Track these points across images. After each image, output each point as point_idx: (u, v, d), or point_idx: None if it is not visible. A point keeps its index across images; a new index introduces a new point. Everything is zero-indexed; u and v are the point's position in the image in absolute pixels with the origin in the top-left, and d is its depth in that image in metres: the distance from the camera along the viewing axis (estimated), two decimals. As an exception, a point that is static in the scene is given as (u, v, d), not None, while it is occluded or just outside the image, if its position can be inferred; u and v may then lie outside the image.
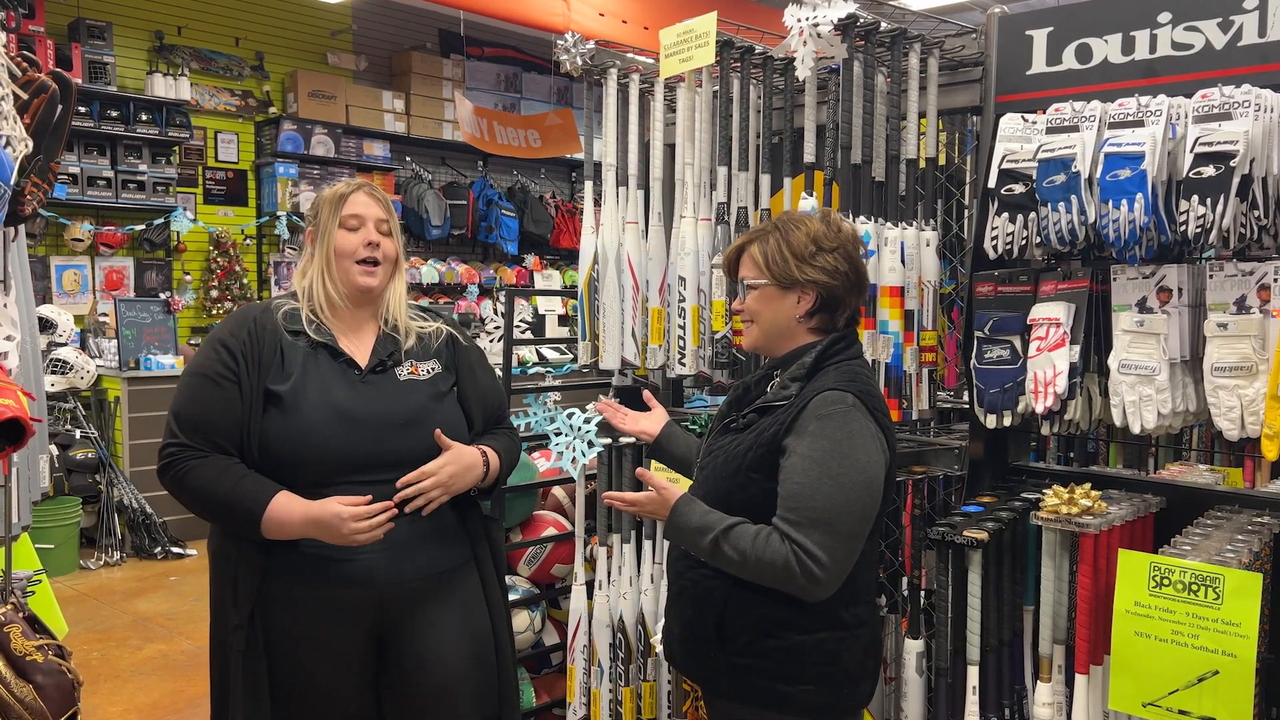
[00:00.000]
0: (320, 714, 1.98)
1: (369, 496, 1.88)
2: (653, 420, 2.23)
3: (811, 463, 1.70)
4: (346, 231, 2.01)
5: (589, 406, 2.86)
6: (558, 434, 2.80)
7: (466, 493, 2.08)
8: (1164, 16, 2.09)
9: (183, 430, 1.91)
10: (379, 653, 2.00)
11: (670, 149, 2.80)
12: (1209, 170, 1.82)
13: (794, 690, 1.77)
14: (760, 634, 1.78)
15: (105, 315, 6.60)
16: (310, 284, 2.03)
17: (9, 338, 1.96)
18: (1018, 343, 2.12)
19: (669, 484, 1.85)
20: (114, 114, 6.56)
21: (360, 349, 2.02)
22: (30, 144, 1.82)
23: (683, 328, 2.57)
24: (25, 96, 1.84)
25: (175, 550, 5.84)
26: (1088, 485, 1.98)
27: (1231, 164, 1.80)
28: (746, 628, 1.79)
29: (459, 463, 1.99)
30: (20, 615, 1.94)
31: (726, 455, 1.85)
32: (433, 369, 2.07)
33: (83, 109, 6.36)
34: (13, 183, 1.75)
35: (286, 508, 1.86)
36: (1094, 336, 2.05)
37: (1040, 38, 2.25)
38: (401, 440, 1.96)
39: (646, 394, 2.28)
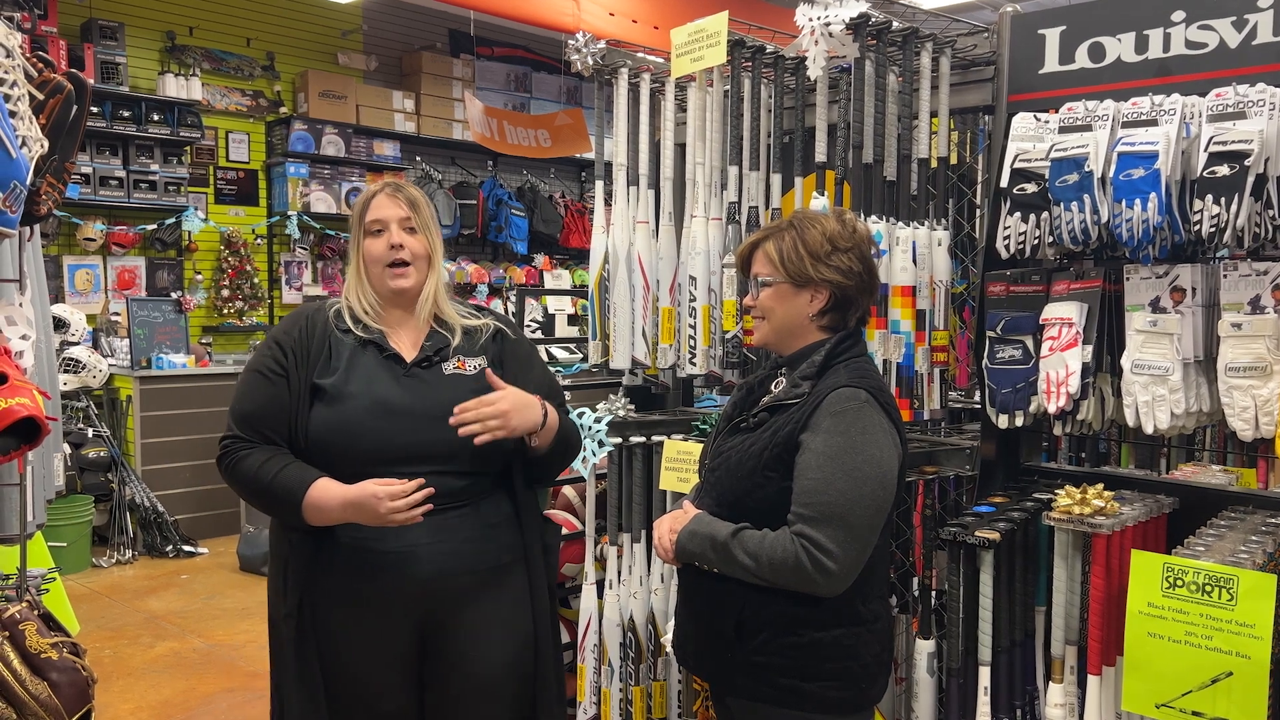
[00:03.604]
0: (363, 706, 2.00)
1: (405, 480, 1.89)
2: None
3: (826, 458, 1.72)
4: (372, 238, 2.05)
5: (599, 406, 2.86)
6: (568, 433, 2.80)
7: (526, 489, 2.10)
8: (1178, 15, 2.09)
9: (237, 424, 1.99)
10: (423, 648, 2.02)
11: (681, 148, 2.81)
12: (1223, 169, 1.81)
13: (813, 687, 1.78)
14: (779, 631, 1.78)
15: (117, 314, 6.63)
16: (348, 291, 2.10)
17: (25, 337, 1.97)
18: (1030, 343, 2.12)
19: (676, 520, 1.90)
20: (126, 114, 6.59)
21: (408, 345, 2.06)
22: (46, 144, 1.83)
23: (693, 327, 2.57)
24: (41, 97, 1.85)
25: (187, 549, 5.86)
26: (1100, 486, 1.97)
27: (1246, 163, 1.79)
28: (765, 626, 1.79)
29: (516, 398, 1.98)
30: (35, 613, 1.95)
31: (740, 455, 1.85)
32: (479, 365, 2.07)
33: (95, 109, 6.39)
34: (29, 183, 1.76)
35: (325, 492, 1.90)
36: (1107, 336, 2.04)
37: (1053, 36, 2.25)
38: (442, 432, 1.96)
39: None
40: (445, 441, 1.96)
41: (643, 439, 2.72)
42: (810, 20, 2.27)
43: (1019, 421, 2.14)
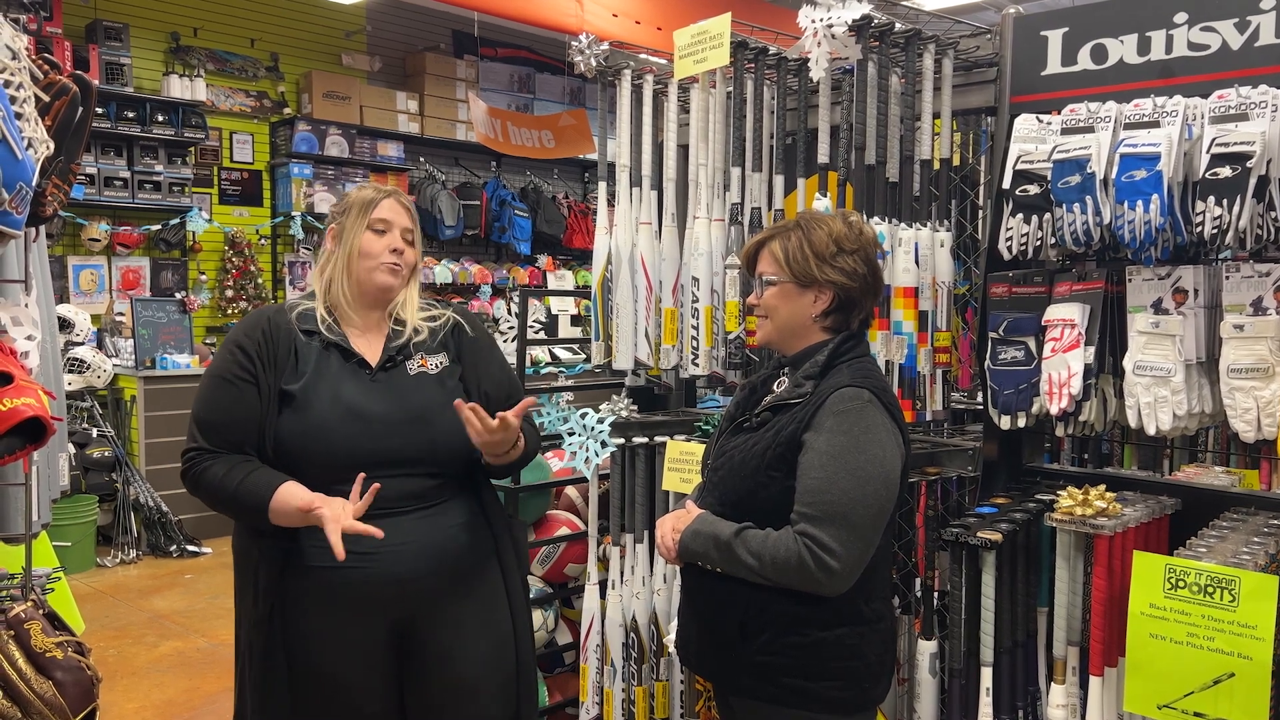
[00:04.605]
0: (342, 711, 1.99)
1: (376, 486, 1.86)
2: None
3: (829, 458, 1.72)
4: (373, 234, 2.03)
5: (602, 406, 2.86)
6: (571, 434, 2.81)
7: (489, 487, 2.12)
8: (1180, 17, 2.09)
9: (202, 433, 1.95)
10: (401, 649, 2.02)
11: (684, 150, 2.81)
12: (1225, 171, 1.82)
13: (817, 686, 1.78)
14: (782, 631, 1.78)
15: (122, 315, 6.65)
16: (328, 282, 2.05)
17: (30, 337, 1.98)
18: (1032, 344, 2.12)
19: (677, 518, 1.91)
20: (130, 115, 6.60)
21: (371, 349, 2.04)
22: (51, 145, 1.84)
23: (696, 328, 2.57)
24: (47, 99, 1.86)
25: (191, 548, 5.87)
26: (1102, 487, 1.97)
27: (1248, 165, 1.79)
28: (768, 625, 1.79)
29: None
30: (40, 612, 1.96)
31: (744, 455, 1.85)
32: (441, 363, 2.08)
33: (99, 110, 6.40)
34: (34, 184, 1.76)
35: (288, 496, 1.88)
36: (1109, 338, 2.05)
37: (1055, 38, 2.25)
38: (411, 435, 1.97)
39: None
40: (416, 445, 1.97)
41: (645, 439, 2.73)
42: (813, 22, 2.27)
43: (1021, 422, 2.15)
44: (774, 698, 1.80)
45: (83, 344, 5.88)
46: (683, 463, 2.54)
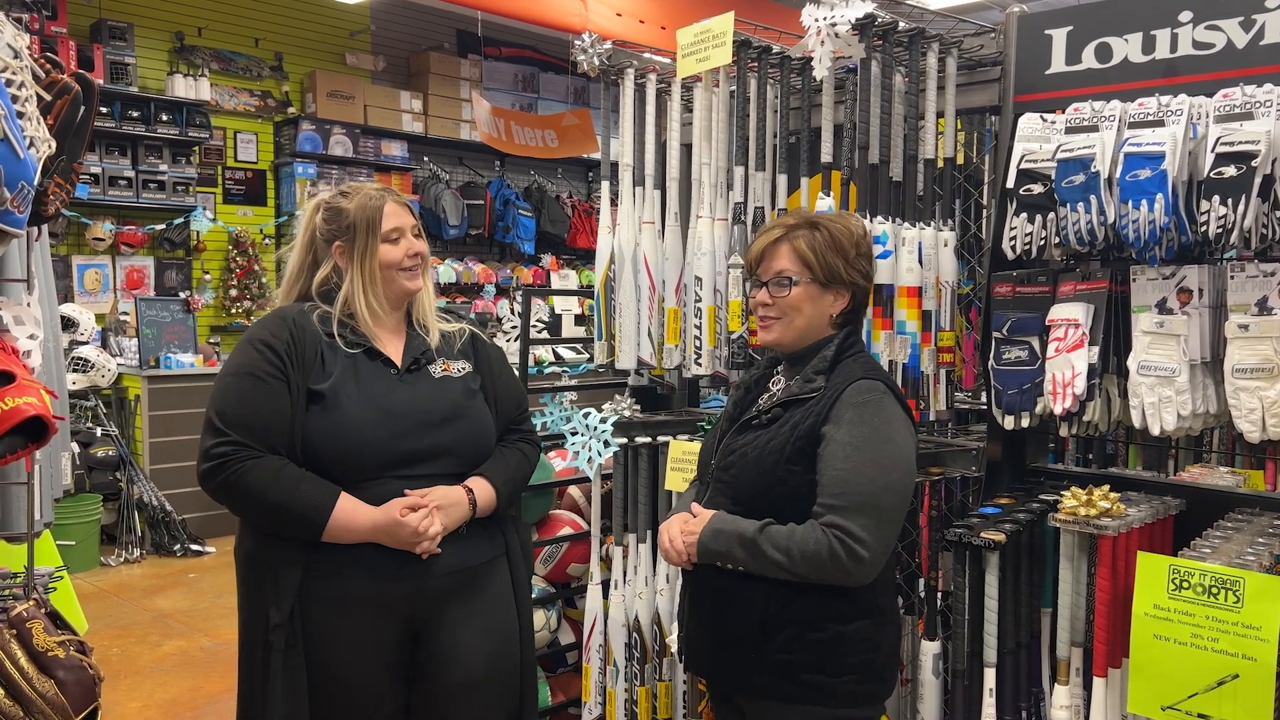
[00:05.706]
0: (353, 711, 1.99)
1: (430, 492, 1.94)
2: None
3: (852, 449, 1.73)
4: (390, 245, 2.05)
5: (605, 406, 2.86)
6: (574, 433, 2.81)
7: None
8: (1185, 15, 2.08)
9: (231, 430, 1.89)
10: (410, 648, 2.02)
11: (687, 149, 2.81)
12: (1230, 170, 1.81)
13: (838, 681, 1.79)
14: (802, 628, 1.78)
15: (126, 314, 6.66)
16: (352, 299, 2.04)
17: (32, 336, 1.98)
18: (1036, 344, 2.11)
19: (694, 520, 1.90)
20: (135, 114, 6.61)
21: (394, 350, 2.07)
22: (53, 144, 1.83)
23: (699, 328, 2.57)
24: (49, 98, 1.86)
25: (194, 548, 5.88)
26: (1106, 487, 1.97)
27: (1253, 164, 1.79)
28: (787, 623, 1.79)
29: (444, 496, 1.99)
30: (42, 611, 1.96)
31: (759, 451, 1.84)
32: (464, 368, 2.12)
33: (104, 109, 6.41)
34: (36, 183, 1.76)
35: (352, 514, 1.90)
36: (1113, 337, 2.04)
37: (1059, 37, 2.24)
38: (441, 435, 2.01)
39: None
40: (441, 444, 2.01)
41: (648, 439, 2.73)
42: (816, 20, 2.27)
43: (1025, 423, 2.14)
44: (792, 696, 1.79)
45: (87, 343, 5.90)
46: (686, 462, 2.54)
